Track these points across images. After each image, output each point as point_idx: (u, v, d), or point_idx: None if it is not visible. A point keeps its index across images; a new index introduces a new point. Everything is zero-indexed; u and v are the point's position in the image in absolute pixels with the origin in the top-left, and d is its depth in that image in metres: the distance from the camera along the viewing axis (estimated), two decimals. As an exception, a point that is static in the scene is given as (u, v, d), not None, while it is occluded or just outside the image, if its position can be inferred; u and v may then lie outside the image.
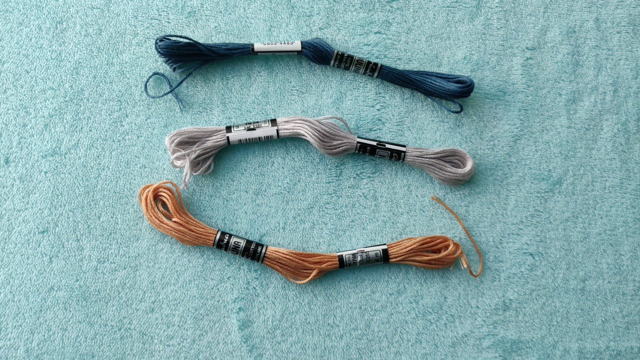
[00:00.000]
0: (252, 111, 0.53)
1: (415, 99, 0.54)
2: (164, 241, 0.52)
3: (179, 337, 0.51)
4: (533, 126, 0.54)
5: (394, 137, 0.54)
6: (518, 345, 0.52)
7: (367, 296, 0.52)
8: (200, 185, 0.52)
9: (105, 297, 0.51)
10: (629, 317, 0.53)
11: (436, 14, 0.55)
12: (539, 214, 0.53)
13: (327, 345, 0.51)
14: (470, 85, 0.52)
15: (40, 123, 0.52)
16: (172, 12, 0.54)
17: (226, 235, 0.51)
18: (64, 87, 0.53)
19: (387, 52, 0.55)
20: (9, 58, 0.53)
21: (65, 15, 0.54)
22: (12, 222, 0.51)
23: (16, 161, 0.52)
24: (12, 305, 0.50)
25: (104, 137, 0.52)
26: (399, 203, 0.53)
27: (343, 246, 0.53)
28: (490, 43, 0.55)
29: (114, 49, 0.53)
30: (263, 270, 0.52)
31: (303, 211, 0.53)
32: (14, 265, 0.51)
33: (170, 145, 0.50)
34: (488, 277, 0.53)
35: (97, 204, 0.52)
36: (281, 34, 0.54)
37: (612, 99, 0.55)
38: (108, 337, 0.50)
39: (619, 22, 0.56)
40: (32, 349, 0.50)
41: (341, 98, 0.54)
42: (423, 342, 0.52)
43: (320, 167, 0.53)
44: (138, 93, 0.53)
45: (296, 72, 0.54)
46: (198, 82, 0.53)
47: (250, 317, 0.51)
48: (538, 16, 0.56)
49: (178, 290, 0.51)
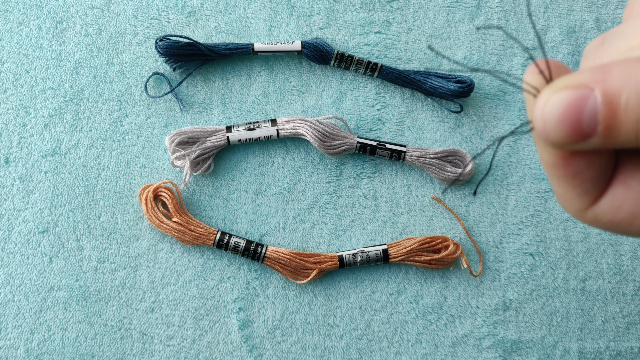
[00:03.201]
0: (252, 111, 0.53)
1: (415, 99, 0.54)
2: (164, 241, 0.52)
3: (179, 337, 0.51)
4: (533, 126, 0.54)
5: (394, 137, 0.54)
6: (518, 345, 0.52)
7: (367, 296, 0.52)
8: (200, 185, 0.52)
9: (105, 297, 0.51)
10: (629, 317, 0.53)
11: (436, 14, 0.55)
12: (539, 214, 0.53)
13: (327, 345, 0.51)
14: (471, 85, 0.52)
15: (40, 123, 0.52)
16: (172, 12, 0.54)
17: (226, 235, 0.51)
18: (64, 87, 0.53)
19: (387, 52, 0.55)
20: (9, 58, 0.53)
21: (65, 15, 0.54)
22: (12, 222, 0.51)
23: (16, 161, 0.52)
24: (12, 305, 0.50)
25: (104, 137, 0.52)
26: (399, 203, 0.53)
27: (343, 246, 0.53)
28: (490, 43, 0.55)
29: (114, 49, 0.53)
30: (263, 270, 0.52)
31: (303, 211, 0.53)
32: (14, 265, 0.51)
33: (170, 145, 0.50)
34: (488, 277, 0.53)
35: (97, 204, 0.52)
36: (281, 34, 0.54)
37: (612, 99, 0.55)
38: (108, 337, 0.50)
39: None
40: (32, 349, 0.50)
41: (341, 98, 0.54)
42: (423, 342, 0.52)
43: (320, 167, 0.53)
44: (138, 93, 0.53)
45: (296, 72, 0.54)
46: (198, 82, 0.53)
47: (250, 317, 0.51)
48: (538, 16, 0.56)
49: (178, 290, 0.51)
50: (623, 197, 0.22)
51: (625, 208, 0.22)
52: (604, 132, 0.20)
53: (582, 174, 0.22)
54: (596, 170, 0.22)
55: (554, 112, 0.20)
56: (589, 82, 0.19)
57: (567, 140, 0.21)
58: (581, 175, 0.22)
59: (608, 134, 0.20)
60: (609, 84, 0.19)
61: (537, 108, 0.21)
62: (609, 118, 0.19)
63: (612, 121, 0.19)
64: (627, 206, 0.22)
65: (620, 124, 0.19)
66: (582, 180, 0.22)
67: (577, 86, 0.20)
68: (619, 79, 0.19)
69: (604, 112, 0.19)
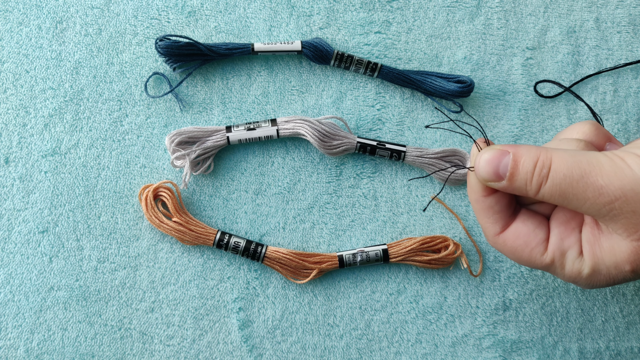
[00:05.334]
0: (252, 111, 0.53)
1: (415, 99, 0.54)
2: (164, 241, 0.52)
3: (179, 337, 0.51)
4: (533, 126, 0.54)
5: (394, 137, 0.54)
6: (518, 345, 0.52)
7: (367, 296, 0.52)
8: (200, 185, 0.52)
9: (105, 297, 0.51)
10: (629, 317, 0.53)
11: (436, 14, 0.55)
12: (539, 214, 0.53)
13: (327, 345, 0.51)
14: (470, 85, 0.52)
15: (40, 123, 0.52)
16: (172, 12, 0.54)
17: (226, 235, 0.51)
18: (64, 87, 0.53)
19: (387, 52, 0.55)
20: (9, 58, 0.53)
21: (65, 15, 0.54)
22: (12, 222, 0.51)
23: (16, 161, 0.52)
24: (12, 305, 0.50)
25: (104, 137, 0.52)
26: (399, 203, 0.53)
27: (343, 246, 0.53)
28: (490, 43, 0.55)
29: (114, 48, 0.53)
30: (263, 270, 0.52)
31: (303, 211, 0.53)
32: (14, 265, 0.51)
33: (170, 145, 0.50)
34: (488, 277, 0.53)
35: (97, 204, 0.52)
36: (281, 33, 0.54)
37: (612, 99, 0.55)
38: (108, 337, 0.50)
39: (619, 22, 0.56)
40: (32, 349, 0.50)
41: (341, 98, 0.54)
42: (423, 342, 0.52)
43: (320, 167, 0.53)
44: (138, 93, 0.53)
45: (296, 72, 0.54)
46: (198, 82, 0.53)
47: (250, 317, 0.51)
48: (538, 16, 0.56)
49: (178, 290, 0.51)
50: (520, 230, 0.37)
51: (521, 237, 0.37)
52: (509, 177, 0.34)
53: (492, 207, 0.37)
54: (502, 206, 0.37)
55: (486, 158, 0.35)
56: (508, 148, 0.34)
57: (489, 177, 0.35)
58: (492, 208, 0.37)
59: (511, 178, 0.34)
60: (517, 151, 0.34)
61: (478, 155, 0.35)
62: (513, 168, 0.34)
63: (514, 170, 0.34)
64: (522, 236, 0.37)
65: (518, 174, 0.34)
66: (493, 211, 0.37)
67: (501, 149, 0.34)
68: (522, 150, 0.34)
69: (511, 165, 0.34)
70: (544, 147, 0.33)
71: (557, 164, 0.32)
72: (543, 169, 0.32)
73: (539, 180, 0.33)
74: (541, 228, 0.36)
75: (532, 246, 0.36)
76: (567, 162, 0.32)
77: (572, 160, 0.32)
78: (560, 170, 0.32)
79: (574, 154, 0.32)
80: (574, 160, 0.32)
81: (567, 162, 0.32)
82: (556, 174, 0.32)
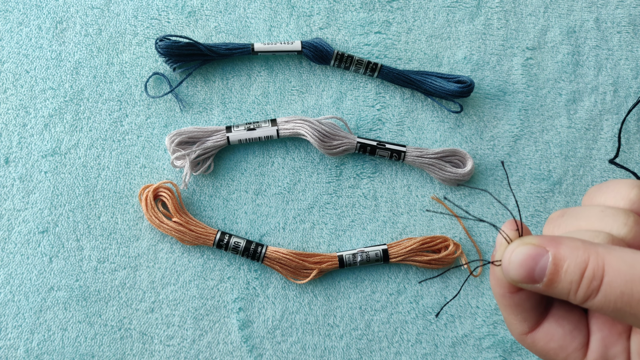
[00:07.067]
0: (252, 111, 0.53)
1: (415, 99, 0.54)
2: (164, 241, 0.52)
3: (179, 337, 0.51)
4: (533, 126, 0.54)
5: (394, 137, 0.54)
6: (518, 345, 0.52)
7: (367, 296, 0.52)
8: (200, 185, 0.52)
9: (105, 297, 0.51)
10: (629, 317, 0.53)
11: (436, 14, 0.55)
12: (539, 214, 0.53)
13: (327, 345, 0.51)
14: (471, 85, 0.52)
15: (40, 123, 0.52)
16: (172, 12, 0.54)
17: (226, 235, 0.51)
18: (64, 87, 0.53)
19: (387, 52, 0.55)
20: (9, 58, 0.53)
21: (65, 15, 0.54)
22: (12, 222, 0.51)
23: (16, 161, 0.52)
24: (12, 305, 0.50)
25: (104, 137, 0.52)
26: (399, 203, 0.53)
27: (343, 246, 0.53)
28: (490, 43, 0.55)
29: (114, 49, 0.53)
30: (263, 270, 0.52)
31: (303, 211, 0.53)
32: (14, 265, 0.51)
33: (170, 145, 0.50)
34: (488, 277, 0.53)
35: (97, 204, 0.52)
36: (281, 34, 0.54)
37: (612, 99, 0.55)
38: (108, 337, 0.50)
39: (619, 22, 0.56)
40: (32, 349, 0.50)
41: (341, 98, 0.54)
42: (423, 342, 0.52)
43: (320, 167, 0.53)
44: (138, 93, 0.53)
45: (296, 72, 0.54)
46: (198, 82, 0.53)
47: (250, 317, 0.51)
48: (538, 16, 0.56)
49: (178, 290, 0.51)
50: (554, 331, 0.30)
51: (555, 340, 0.30)
52: (547, 283, 0.27)
53: (521, 305, 0.30)
54: (532, 304, 0.30)
55: (518, 258, 0.28)
56: (546, 245, 0.27)
57: (521, 280, 0.28)
58: (521, 305, 0.30)
59: (550, 285, 0.27)
60: (559, 251, 0.27)
61: (508, 251, 0.28)
62: (553, 274, 0.27)
63: (554, 277, 0.27)
64: (557, 338, 0.30)
65: (559, 281, 0.27)
66: (521, 309, 0.31)
67: (538, 245, 0.27)
68: (566, 251, 0.27)
69: (551, 269, 0.27)
70: (593, 247, 0.27)
71: (612, 277, 0.26)
72: (593, 281, 0.26)
73: (587, 293, 0.27)
74: (579, 330, 0.30)
75: (568, 351, 0.30)
76: (625, 275, 0.26)
77: (631, 272, 0.26)
78: (617, 287, 0.26)
79: (634, 262, 0.26)
80: (634, 272, 0.26)
81: (626, 276, 0.26)
82: (611, 289, 0.26)
